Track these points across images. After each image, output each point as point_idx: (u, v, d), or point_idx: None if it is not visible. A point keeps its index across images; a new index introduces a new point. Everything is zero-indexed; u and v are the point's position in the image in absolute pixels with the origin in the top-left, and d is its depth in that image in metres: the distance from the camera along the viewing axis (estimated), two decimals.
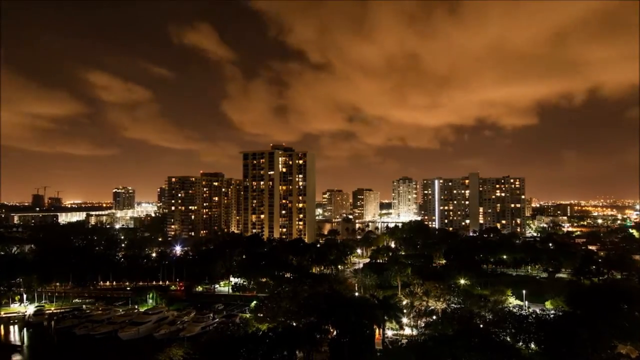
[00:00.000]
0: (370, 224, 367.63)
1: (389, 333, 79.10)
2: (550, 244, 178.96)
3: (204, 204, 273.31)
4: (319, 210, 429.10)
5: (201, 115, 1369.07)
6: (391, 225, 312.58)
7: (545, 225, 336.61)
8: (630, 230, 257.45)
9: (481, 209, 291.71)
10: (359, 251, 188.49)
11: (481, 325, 69.42)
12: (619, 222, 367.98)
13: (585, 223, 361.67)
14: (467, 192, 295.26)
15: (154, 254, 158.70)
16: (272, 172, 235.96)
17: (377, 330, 73.85)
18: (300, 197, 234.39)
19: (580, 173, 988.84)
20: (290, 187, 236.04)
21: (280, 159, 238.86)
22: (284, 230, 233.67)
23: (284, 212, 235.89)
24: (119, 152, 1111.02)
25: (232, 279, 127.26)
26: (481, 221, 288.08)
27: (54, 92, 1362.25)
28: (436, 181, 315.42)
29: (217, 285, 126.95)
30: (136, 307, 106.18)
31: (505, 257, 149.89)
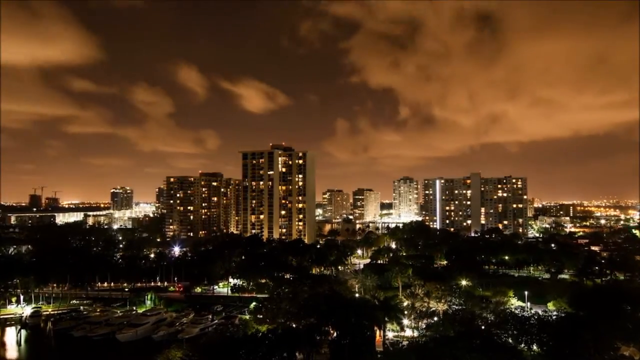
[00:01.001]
0: (370, 224, 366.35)
1: (390, 334, 78.38)
2: (553, 245, 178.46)
3: (203, 204, 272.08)
4: (319, 211, 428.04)
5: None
6: (392, 225, 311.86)
7: (547, 225, 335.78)
8: (634, 231, 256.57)
9: (483, 210, 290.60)
10: (359, 252, 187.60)
11: (483, 327, 69.02)
12: (622, 222, 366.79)
13: (588, 223, 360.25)
14: (469, 192, 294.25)
15: (152, 255, 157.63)
16: (271, 172, 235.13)
17: (377, 332, 73.32)
18: (300, 197, 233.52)
19: (582, 173, 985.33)
20: (290, 187, 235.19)
21: (279, 158, 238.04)
22: (284, 230, 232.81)
23: (283, 212, 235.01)
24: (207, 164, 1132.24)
25: (231, 280, 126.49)
26: (483, 222, 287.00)
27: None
28: (437, 181, 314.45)
29: (216, 287, 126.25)
30: (134, 308, 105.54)
31: (507, 257, 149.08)
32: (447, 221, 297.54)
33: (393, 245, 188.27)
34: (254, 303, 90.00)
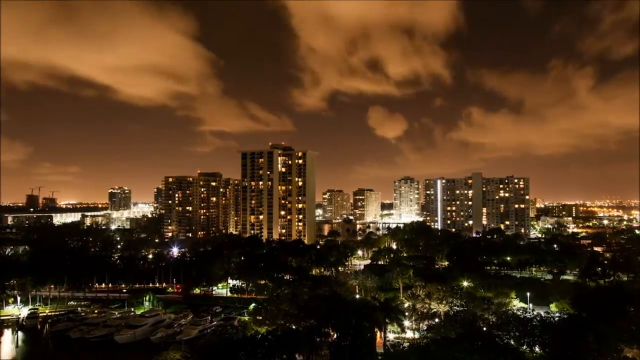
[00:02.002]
0: (371, 224, 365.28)
1: (391, 336, 77.61)
2: (555, 245, 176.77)
3: (202, 205, 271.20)
4: (319, 211, 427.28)
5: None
6: (392, 226, 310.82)
7: (550, 226, 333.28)
8: (637, 231, 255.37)
9: (484, 210, 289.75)
10: (359, 252, 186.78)
11: (484, 328, 68.45)
12: (625, 222, 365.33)
13: (590, 224, 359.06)
14: (470, 192, 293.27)
15: (150, 256, 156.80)
16: (270, 172, 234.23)
17: (378, 333, 72.58)
18: (300, 198, 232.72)
19: (585, 174, 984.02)
20: (290, 187, 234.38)
21: (279, 158, 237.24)
22: (283, 231, 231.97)
23: (283, 212, 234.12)
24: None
25: (230, 281, 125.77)
26: (484, 222, 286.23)
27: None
28: (438, 181, 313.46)
29: (215, 288, 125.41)
30: (132, 309, 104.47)
31: (509, 258, 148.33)
32: (449, 221, 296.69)
33: (394, 246, 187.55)
34: (253, 304, 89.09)
